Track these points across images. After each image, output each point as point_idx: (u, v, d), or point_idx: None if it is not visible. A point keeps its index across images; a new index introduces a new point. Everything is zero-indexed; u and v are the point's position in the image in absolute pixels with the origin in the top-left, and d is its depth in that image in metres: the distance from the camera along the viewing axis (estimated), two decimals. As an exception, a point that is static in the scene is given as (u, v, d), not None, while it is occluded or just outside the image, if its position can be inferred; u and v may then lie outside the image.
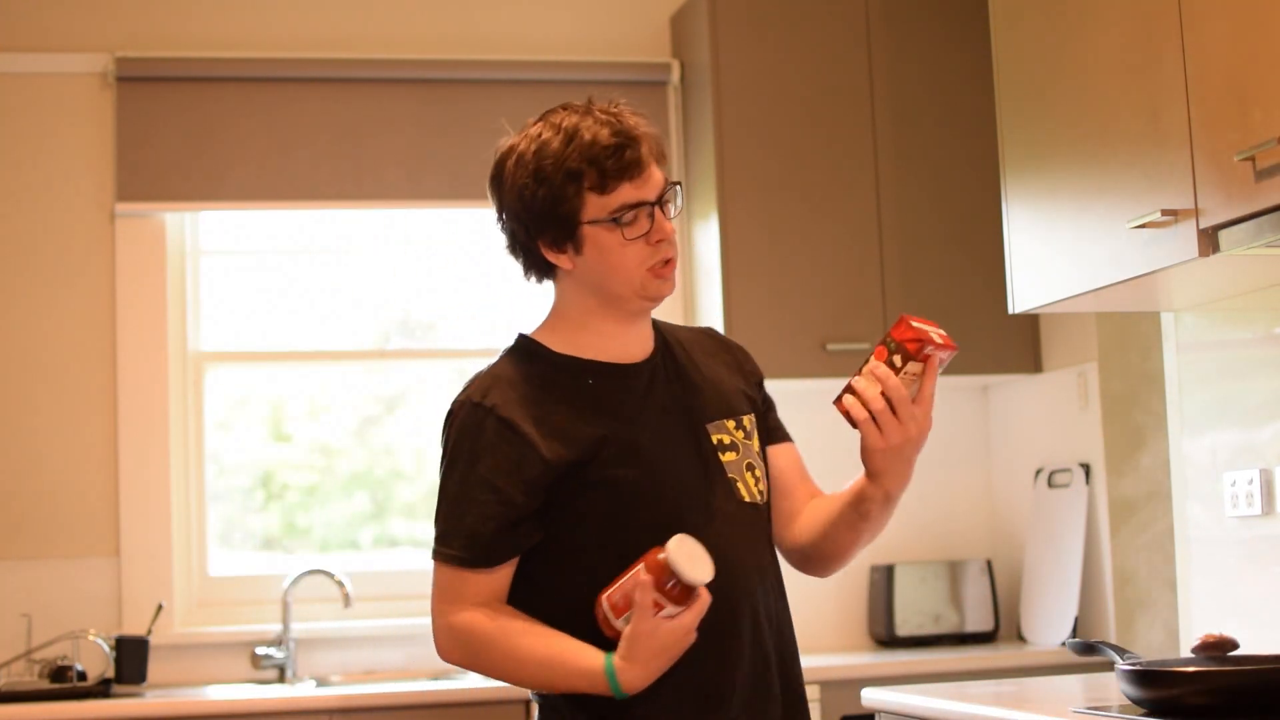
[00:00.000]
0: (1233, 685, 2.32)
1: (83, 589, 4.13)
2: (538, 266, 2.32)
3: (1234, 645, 2.48)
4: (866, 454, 2.27)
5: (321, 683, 4.11)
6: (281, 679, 4.12)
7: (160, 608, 4.00)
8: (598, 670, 2.11)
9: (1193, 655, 2.50)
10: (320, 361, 4.49)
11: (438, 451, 2.30)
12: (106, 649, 3.89)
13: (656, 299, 2.27)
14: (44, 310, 4.21)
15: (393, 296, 4.53)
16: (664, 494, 2.21)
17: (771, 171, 4.26)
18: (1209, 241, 2.54)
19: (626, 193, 2.20)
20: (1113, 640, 3.87)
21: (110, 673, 3.87)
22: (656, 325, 2.37)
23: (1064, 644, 3.61)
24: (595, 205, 2.20)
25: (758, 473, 2.33)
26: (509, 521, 2.17)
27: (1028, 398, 4.44)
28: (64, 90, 4.27)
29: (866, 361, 2.23)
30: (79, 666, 3.82)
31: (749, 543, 2.27)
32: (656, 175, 2.24)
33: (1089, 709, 2.47)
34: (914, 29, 4.35)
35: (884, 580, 4.36)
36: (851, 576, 4.49)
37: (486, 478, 2.18)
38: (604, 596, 2.12)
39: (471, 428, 2.22)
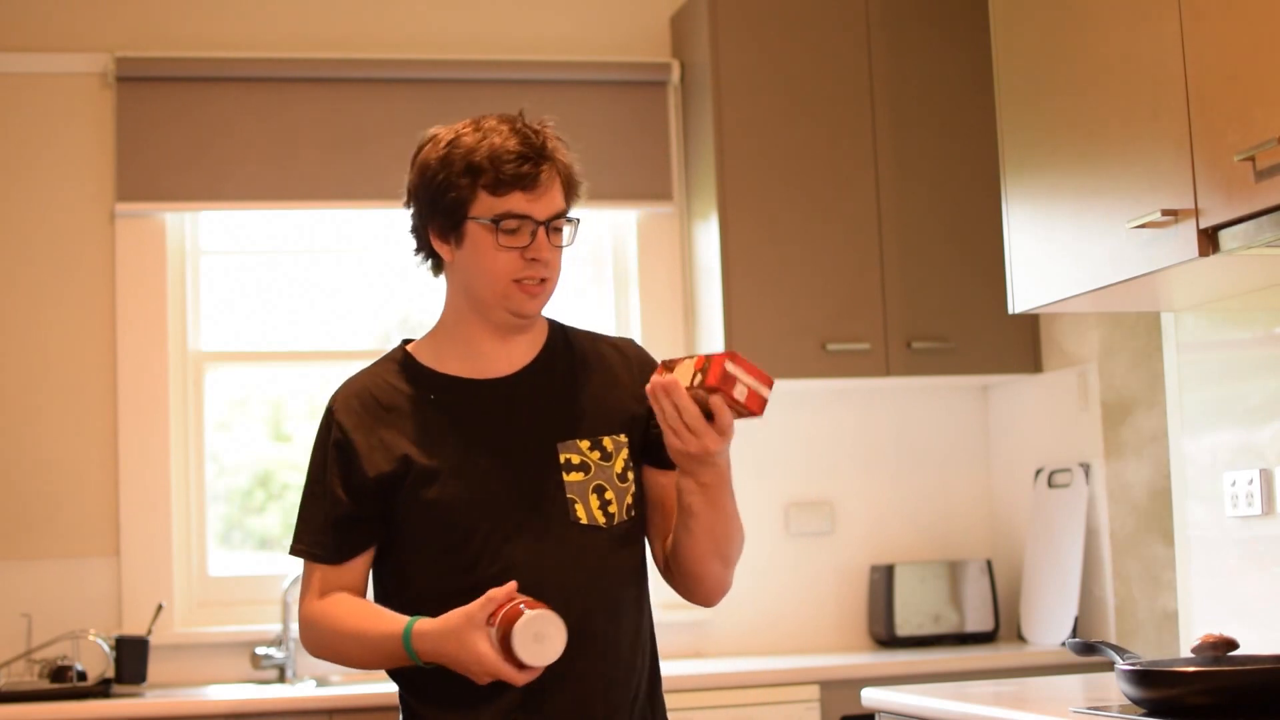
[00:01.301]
0: (1233, 685, 2.32)
1: (83, 589, 4.13)
2: (430, 255, 2.39)
3: (1234, 645, 2.48)
4: (667, 449, 2.24)
5: (321, 683, 4.10)
6: (281, 679, 4.12)
7: (160, 608, 4.00)
8: (398, 630, 2.21)
9: (1193, 655, 2.50)
10: (320, 361, 4.49)
11: None
12: (106, 649, 3.90)
13: (519, 314, 2.30)
14: (44, 310, 4.21)
15: (393, 296, 4.53)
16: (472, 513, 2.26)
17: (771, 171, 4.26)
18: (1209, 241, 2.54)
19: (516, 201, 2.27)
20: (1113, 640, 3.87)
21: (110, 673, 3.87)
22: (563, 336, 2.42)
23: (1064, 644, 3.60)
24: (484, 204, 2.27)
25: (608, 495, 2.31)
26: (346, 522, 2.31)
27: (1028, 398, 4.44)
28: (64, 90, 4.27)
29: (690, 357, 2.18)
30: (79, 666, 3.82)
31: (573, 563, 2.27)
32: (555, 200, 2.33)
33: (1089, 709, 2.47)
34: (914, 29, 4.35)
35: (884, 580, 4.36)
36: (851, 576, 4.49)
37: (327, 481, 2.31)
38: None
39: (322, 431, 2.35)
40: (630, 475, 2.34)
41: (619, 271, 4.54)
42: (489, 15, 4.50)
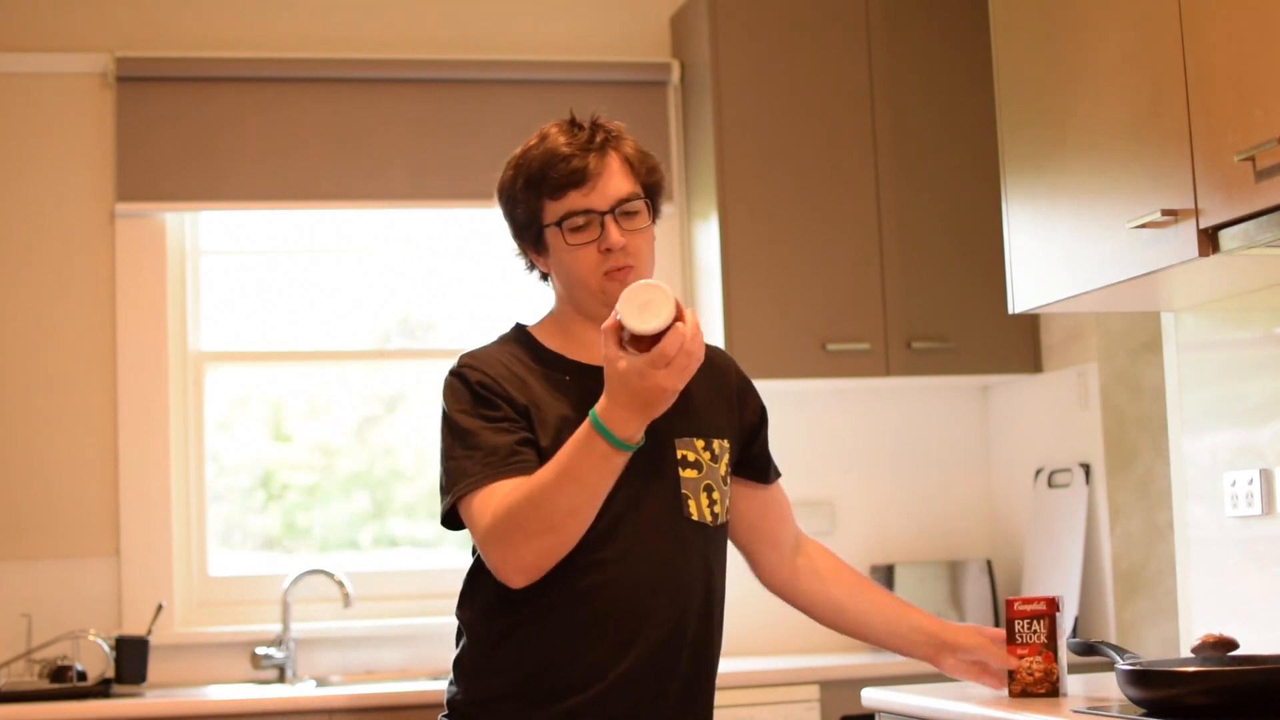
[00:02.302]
0: (1233, 685, 2.32)
1: (83, 589, 4.13)
2: (531, 267, 2.49)
3: (1234, 645, 2.48)
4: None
5: (321, 683, 4.11)
6: (281, 679, 4.12)
7: (160, 608, 4.00)
8: (588, 429, 2.19)
9: (1193, 655, 2.50)
10: (320, 361, 4.49)
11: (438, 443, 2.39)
12: (106, 649, 3.90)
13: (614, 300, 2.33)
14: (44, 310, 4.21)
15: (393, 296, 4.53)
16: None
17: (771, 172, 4.26)
18: (1209, 241, 2.55)
19: (573, 199, 2.35)
20: (1113, 640, 3.87)
21: (110, 673, 3.87)
22: None
23: (1064, 643, 3.59)
24: (550, 210, 2.37)
25: (715, 495, 2.42)
26: (515, 430, 2.31)
27: (1028, 398, 4.44)
28: (64, 90, 4.27)
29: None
30: (79, 666, 3.82)
31: (681, 557, 2.37)
32: (616, 186, 2.37)
33: (1089, 709, 2.47)
34: (914, 29, 4.35)
35: (884, 580, 4.36)
36: (851, 576, 4.49)
37: (482, 414, 2.32)
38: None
39: (458, 389, 2.36)
40: (729, 480, 2.46)
41: (619, 271, 4.54)
42: (489, 15, 4.50)
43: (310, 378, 4.53)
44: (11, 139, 4.25)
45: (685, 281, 4.44)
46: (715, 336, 4.21)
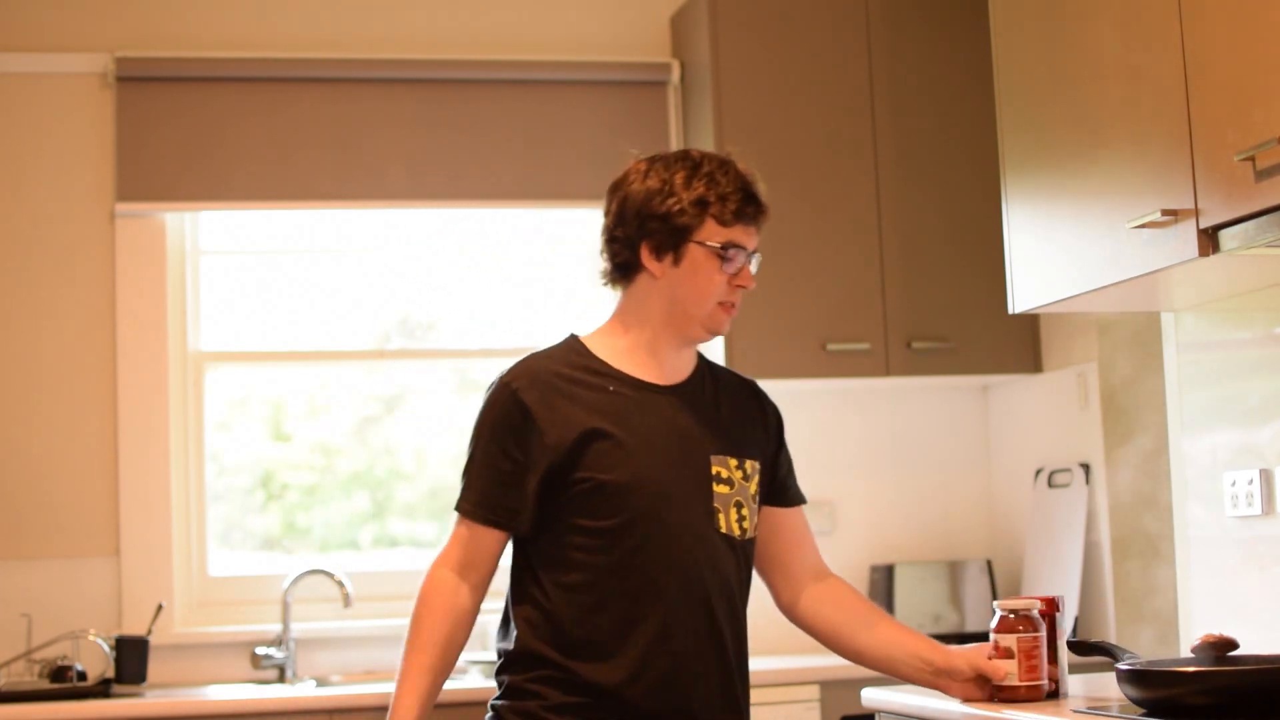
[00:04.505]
0: (1233, 685, 2.32)
1: (83, 589, 4.13)
2: (624, 267, 2.55)
3: (1234, 645, 2.48)
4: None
5: (321, 683, 4.11)
6: (281, 679, 4.12)
7: (160, 608, 4.00)
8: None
9: (1193, 655, 2.50)
10: (320, 361, 4.49)
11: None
12: (106, 649, 3.90)
13: (714, 332, 2.56)
14: (44, 310, 4.21)
15: (393, 296, 4.53)
16: (644, 497, 2.45)
17: (771, 172, 4.22)
18: (1209, 241, 2.55)
19: (739, 234, 2.53)
20: (1113, 640, 3.87)
21: (110, 673, 3.87)
22: (705, 361, 2.65)
23: (1064, 644, 3.59)
24: (711, 231, 2.51)
25: (744, 511, 2.55)
26: (515, 481, 2.46)
27: (1028, 398, 4.44)
28: (64, 90, 4.27)
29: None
30: (79, 666, 3.82)
31: (713, 564, 2.50)
32: (756, 236, 2.59)
33: (1089, 709, 2.47)
34: (914, 29, 4.35)
35: (884, 580, 4.36)
36: (851, 576, 4.48)
37: (500, 445, 2.46)
38: None
39: (494, 404, 2.50)
40: (757, 500, 2.58)
41: (619, 271, 4.54)
42: (489, 15, 4.50)
43: (310, 378, 4.53)
44: (11, 139, 4.25)
45: (685, 281, 4.44)
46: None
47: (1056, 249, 3.02)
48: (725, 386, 2.64)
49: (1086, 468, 4.12)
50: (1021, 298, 3.15)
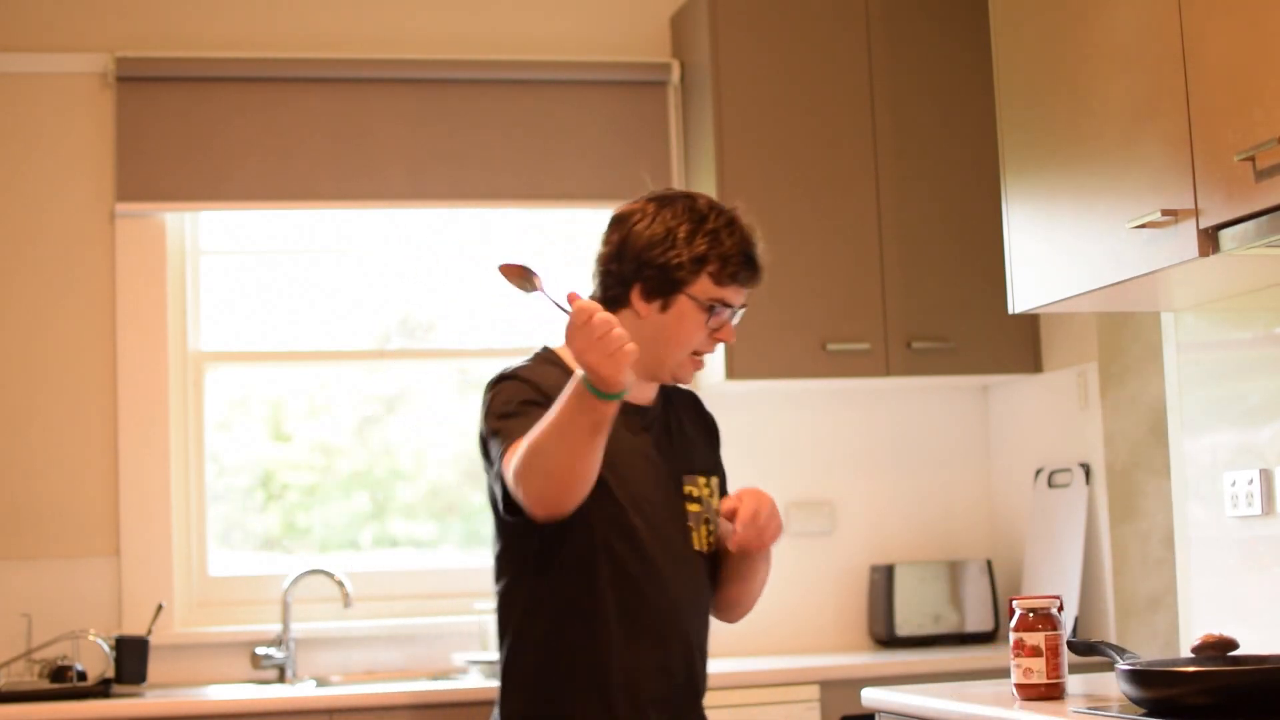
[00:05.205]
0: (1233, 685, 2.32)
1: (83, 589, 4.13)
2: (613, 301, 2.62)
3: (1234, 645, 2.48)
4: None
5: (321, 683, 4.11)
6: (281, 679, 4.12)
7: (160, 608, 4.00)
8: (577, 382, 2.33)
9: (1193, 655, 2.50)
10: (320, 361, 4.49)
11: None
12: (106, 649, 3.89)
13: (679, 380, 2.66)
14: (44, 310, 4.21)
15: (393, 296, 4.53)
16: (631, 511, 2.56)
17: (771, 172, 4.26)
18: (1209, 241, 2.54)
19: (730, 294, 2.61)
20: (1113, 640, 3.87)
21: (110, 673, 3.87)
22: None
23: (1064, 644, 3.59)
24: (704, 287, 2.59)
25: (710, 527, 2.67)
26: None
27: (1028, 398, 4.44)
28: (64, 90, 4.27)
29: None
30: (79, 666, 3.82)
31: (690, 582, 2.63)
32: (745, 295, 2.66)
33: (1089, 709, 2.47)
34: (914, 29, 4.35)
35: (884, 580, 4.36)
36: (851, 576, 4.49)
37: (534, 403, 2.51)
38: None
39: (517, 388, 2.55)
40: (719, 513, 2.64)
41: (619, 271, 4.53)
42: (489, 15, 4.50)
43: (310, 378, 4.53)
44: (11, 139, 4.24)
45: (685, 281, 4.44)
46: (715, 336, 4.21)
47: (1056, 249, 3.02)
48: (676, 404, 2.75)
49: (1086, 468, 4.12)
50: (1021, 298, 3.15)
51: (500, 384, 2.59)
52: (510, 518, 2.53)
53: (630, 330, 2.50)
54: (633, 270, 2.59)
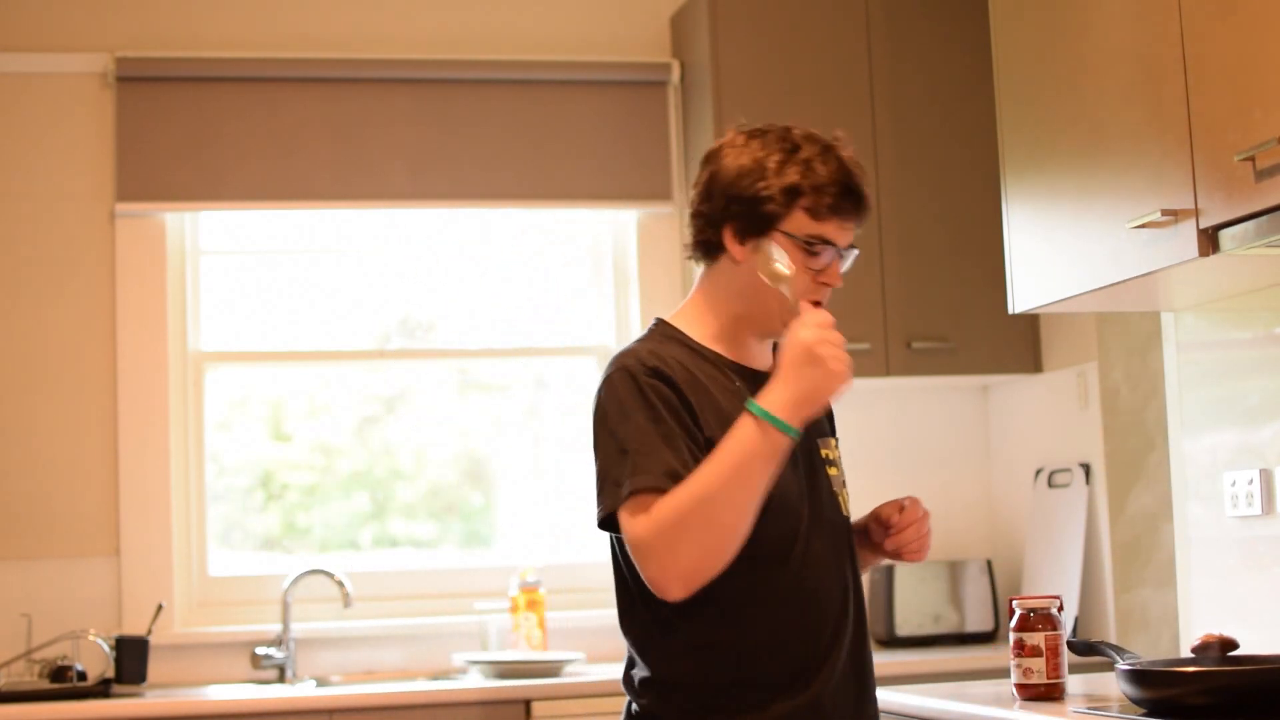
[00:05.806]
0: (1233, 685, 2.32)
1: (83, 589, 4.13)
2: (707, 246, 2.35)
3: (1234, 645, 2.48)
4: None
5: (321, 683, 4.11)
6: (281, 679, 4.12)
7: (160, 608, 4.00)
8: (755, 422, 2.11)
9: (1193, 655, 2.50)
10: (320, 361, 4.49)
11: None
12: (106, 649, 3.89)
13: None
14: (44, 310, 4.21)
15: (393, 296, 4.53)
16: (787, 505, 2.24)
17: (771, 171, 4.25)
18: (1209, 241, 2.54)
19: (829, 229, 2.29)
20: (1113, 640, 3.87)
21: (110, 673, 3.87)
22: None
23: (1064, 644, 3.60)
24: (799, 222, 2.27)
25: (848, 490, 2.39)
26: (682, 443, 2.18)
27: (1028, 398, 4.44)
28: (64, 90, 4.27)
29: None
30: (79, 666, 3.82)
31: (846, 553, 2.34)
32: (853, 231, 2.34)
33: (1089, 709, 2.47)
34: (914, 29, 4.35)
35: (884, 580, 4.36)
36: (851, 576, 4.49)
37: (672, 423, 2.19)
38: None
39: (646, 387, 2.21)
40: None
41: (619, 271, 4.54)
42: (489, 15, 4.50)
43: (310, 378, 4.53)
44: (11, 139, 4.24)
45: (685, 281, 4.44)
46: (715, 336, 4.21)
47: (1056, 249, 3.02)
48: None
49: (1086, 468, 4.12)
50: (1021, 298, 3.15)
51: (622, 378, 2.23)
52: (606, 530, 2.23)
53: (727, 279, 2.33)
54: (721, 209, 2.30)
